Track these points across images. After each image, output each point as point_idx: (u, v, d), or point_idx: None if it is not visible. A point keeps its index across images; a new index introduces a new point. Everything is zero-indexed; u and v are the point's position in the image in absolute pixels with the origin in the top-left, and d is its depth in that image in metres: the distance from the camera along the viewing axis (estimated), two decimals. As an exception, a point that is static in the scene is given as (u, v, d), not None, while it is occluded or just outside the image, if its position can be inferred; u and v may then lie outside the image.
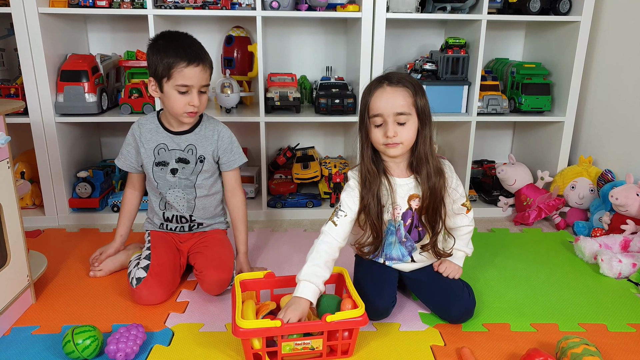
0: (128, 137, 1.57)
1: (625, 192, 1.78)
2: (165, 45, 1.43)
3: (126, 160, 1.59)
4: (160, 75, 1.43)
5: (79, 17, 2.18)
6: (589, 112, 2.21)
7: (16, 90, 2.00)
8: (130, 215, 1.65)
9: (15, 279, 1.37)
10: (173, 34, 1.49)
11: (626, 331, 1.37)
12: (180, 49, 1.42)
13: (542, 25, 2.29)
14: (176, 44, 1.43)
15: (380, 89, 1.28)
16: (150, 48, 1.46)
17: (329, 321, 1.16)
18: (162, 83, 1.44)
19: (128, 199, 1.64)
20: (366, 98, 1.30)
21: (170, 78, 1.42)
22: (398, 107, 1.26)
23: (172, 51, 1.41)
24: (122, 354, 1.18)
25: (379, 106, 1.27)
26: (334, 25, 2.32)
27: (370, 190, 1.32)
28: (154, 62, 1.43)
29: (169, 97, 1.44)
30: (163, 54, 1.41)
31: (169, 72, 1.41)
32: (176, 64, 1.40)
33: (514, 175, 2.17)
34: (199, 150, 1.54)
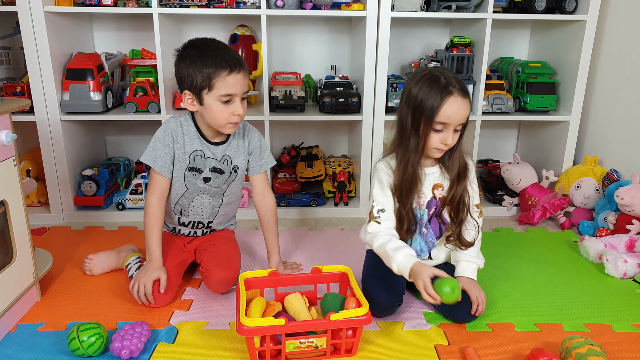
0: (163, 136, 1.42)
1: (631, 192, 1.77)
2: (200, 55, 1.33)
3: (164, 164, 1.43)
4: (199, 87, 1.33)
5: (84, 16, 2.19)
6: (594, 111, 2.20)
7: (22, 88, 2.01)
8: (161, 231, 1.46)
9: (20, 276, 1.38)
10: (203, 42, 1.39)
11: (631, 331, 1.37)
12: (218, 57, 1.32)
13: (547, 24, 2.28)
14: (212, 52, 1.33)
15: (452, 98, 1.25)
16: (182, 59, 1.36)
17: (332, 320, 1.16)
18: (201, 95, 1.34)
19: (159, 211, 1.45)
20: (432, 101, 1.25)
21: (212, 89, 1.33)
22: (463, 119, 1.28)
23: (209, 60, 1.32)
24: (127, 351, 1.18)
25: (448, 116, 1.25)
26: (338, 24, 2.32)
27: (409, 193, 1.34)
28: (189, 74, 1.33)
29: (211, 109, 1.35)
30: (200, 64, 1.32)
31: (210, 83, 1.32)
32: (217, 73, 1.31)
33: (518, 174, 2.16)
34: (234, 160, 1.49)
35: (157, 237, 1.43)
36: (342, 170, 2.22)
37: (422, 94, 1.27)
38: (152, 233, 1.43)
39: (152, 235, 1.43)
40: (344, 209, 2.19)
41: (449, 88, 1.25)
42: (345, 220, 2.14)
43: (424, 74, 1.29)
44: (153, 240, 1.43)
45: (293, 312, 1.27)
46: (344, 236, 1.97)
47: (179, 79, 1.38)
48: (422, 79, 1.29)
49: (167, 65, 2.01)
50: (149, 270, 1.40)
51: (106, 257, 1.63)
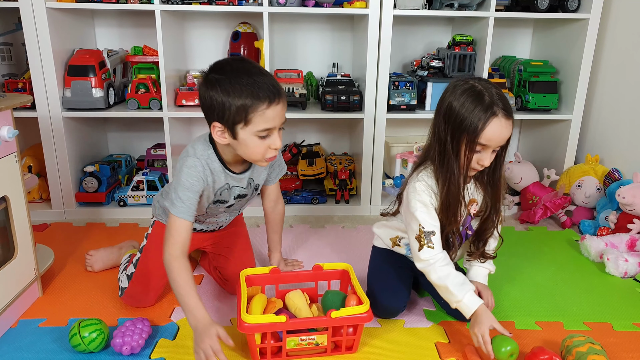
0: (192, 184, 1.22)
1: (632, 191, 1.77)
2: (233, 82, 1.14)
3: (191, 210, 1.23)
4: (232, 121, 1.15)
5: (86, 12, 2.19)
6: (596, 110, 2.20)
7: (24, 84, 2.01)
8: (194, 281, 1.22)
9: (22, 272, 1.38)
10: (234, 65, 1.18)
11: (632, 330, 1.37)
12: (255, 85, 1.13)
13: (550, 23, 2.28)
14: (247, 79, 1.14)
15: (497, 119, 1.15)
16: (210, 86, 1.16)
17: (333, 317, 1.17)
18: (235, 129, 1.16)
19: (185, 260, 1.22)
20: (475, 122, 1.15)
21: (249, 124, 1.15)
22: (504, 141, 1.20)
23: (245, 89, 1.13)
24: (128, 347, 1.19)
25: (490, 138, 1.17)
26: (340, 22, 2.32)
27: (456, 214, 1.27)
28: (219, 105, 1.15)
29: (246, 144, 1.18)
30: (233, 95, 1.13)
31: (247, 117, 1.14)
32: (256, 106, 1.13)
33: (520, 173, 2.16)
34: (256, 180, 1.39)
35: (194, 290, 1.18)
36: (344, 168, 2.22)
37: (464, 112, 1.17)
38: (185, 289, 1.18)
39: (188, 291, 1.18)
40: (345, 206, 2.19)
41: (494, 108, 1.15)
42: (347, 218, 2.14)
43: (466, 88, 1.19)
44: (190, 296, 1.17)
45: (294, 309, 1.27)
46: (345, 234, 1.97)
47: (206, 107, 1.19)
48: (464, 93, 1.18)
49: (169, 62, 2.01)
50: (203, 332, 1.13)
51: (107, 253, 1.63)
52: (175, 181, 1.25)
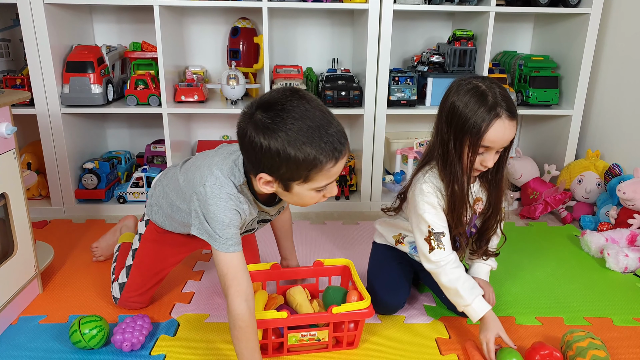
0: (232, 219, 1.08)
1: (632, 187, 1.77)
2: (295, 133, 0.94)
3: (237, 240, 1.10)
4: (288, 178, 1.00)
5: (84, 8, 2.18)
6: (597, 105, 2.19)
7: (22, 81, 2.00)
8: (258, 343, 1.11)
9: (22, 269, 1.38)
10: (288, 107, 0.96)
11: (632, 325, 1.37)
12: (323, 140, 0.95)
13: (550, 18, 2.27)
14: (312, 132, 0.95)
15: (500, 121, 1.13)
16: (261, 131, 0.95)
17: (334, 313, 1.17)
18: (289, 185, 1.02)
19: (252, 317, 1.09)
20: (478, 123, 1.13)
21: (309, 181, 1.00)
22: (508, 142, 1.18)
23: (311, 146, 0.95)
24: (128, 343, 1.19)
25: (493, 140, 1.14)
26: (340, 17, 2.31)
27: (461, 215, 1.25)
28: (274, 158, 0.96)
29: (300, 196, 1.04)
30: (295, 149, 0.94)
31: (308, 176, 0.99)
32: (322, 166, 0.97)
33: (520, 168, 2.16)
34: (281, 203, 1.25)
35: (258, 351, 1.08)
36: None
37: (467, 112, 1.14)
38: (249, 351, 1.07)
39: (253, 353, 1.07)
40: (345, 202, 2.19)
41: (497, 109, 1.12)
42: (347, 214, 2.14)
43: (469, 88, 1.16)
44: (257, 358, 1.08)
45: (295, 305, 1.27)
46: (345, 230, 1.97)
47: (251, 151, 0.99)
48: (467, 93, 1.15)
49: (168, 58, 2.00)
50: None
51: (108, 239, 1.66)
52: (202, 211, 1.08)
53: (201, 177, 1.10)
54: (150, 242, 1.36)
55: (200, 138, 2.41)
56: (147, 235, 1.37)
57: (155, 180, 1.39)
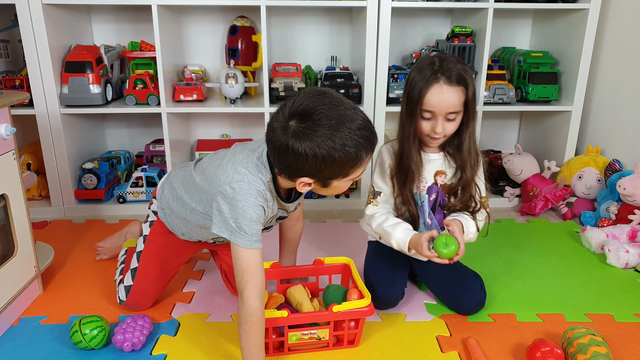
0: (259, 215, 1.09)
1: (633, 182, 1.77)
2: (335, 136, 0.99)
3: (260, 237, 1.11)
4: (329, 177, 1.05)
5: (82, 8, 2.18)
6: (596, 101, 2.19)
7: (21, 81, 2.00)
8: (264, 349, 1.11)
9: (22, 269, 1.38)
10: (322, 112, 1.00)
11: (633, 321, 1.37)
12: (360, 137, 1.01)
13: (549, 13, 2.26)
14: (349, 132, 1.00)
15: (437, 85, 1.21)
16: (301, 141, 0.99)
17: (335, 311, 1.17)
18: (329, 182, 1.08)
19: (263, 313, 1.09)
20: (420, 87, 1.22)
21: (348, 175, 1.07)
22: (451, 108, 1.23)
23: (351, 145, 1.00)
24: (129, 343, 1.19)
25: (433, 104, 1.22)
26: (339, 15, 2.30)
27: (407, 178, 1.31)
28: (318, 163, 1.00)
29: (335, 189, 1.11)
30: (338, 159, 1.00)
31: (349, 171, 1.05)
32: (361, 160, 1.04)
33: (520, 165, 2.15)
34: (299, 199, 1.29)
35: (264, 349, 1.09)
36: (343, 161, 2.21)
37: (415, 79, 1.24)
38: (257, 348, 1.08)
39: (260, 350, 1.08)
40: (345, 200, 2.19)
41: (437, 75, 1.21)
42: (347, 212, 2.14)
43: (424, 59, 1.26)
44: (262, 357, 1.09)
45: (295, 303, 1.27)
46: (345, 228, 1.97)
47: (290, 161, 1.02)
48: (420, 63, 1.26)
49: (167, 57, 2.00)
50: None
51: (114, 241, 1.66)
52: (229, 210, 1.08)
53: (226, 177, 1.11)
54: (155, 244, 1.35)
55: (200, 137, 2.41)
56: (151, 237, 1.36)
57: (162, 183, 1.37)
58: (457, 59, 1.25)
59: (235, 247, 1.08)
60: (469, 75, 1.24)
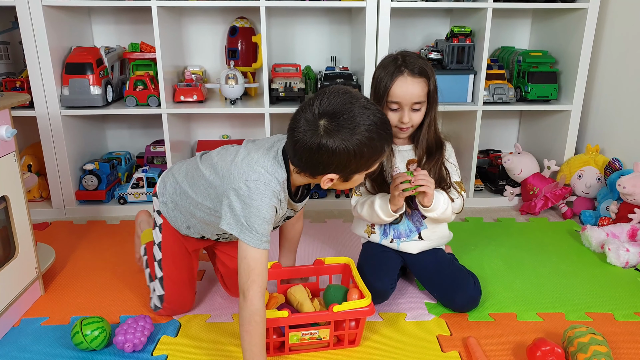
0: (271, 216, 1.11)
1: (633, 181, 1.77)
2: (361, 132, 1.04)
3: (269, 238, 1.11)
4: (353, 171, 1.10)
5: (82, 9, 2.18)
6: (596, 100, 2.19)
7: (22, 83, 2.00)
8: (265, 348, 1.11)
9: (23, 270, 1.38)
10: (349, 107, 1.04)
11: (633, 320, 1.37)
12: (382, 130, 1.07)
13: (548, 13, 2.26)
14: (372, 126, 1.05)
15: (402, 77, 1.31)
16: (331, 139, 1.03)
17: (335, 311, 1.17)
18: (351, 176, 1.12)
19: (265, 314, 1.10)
20: (386, 81, 1.32)
21: (370, 167, 1.12)
22: (416, 98, 1.32)
23: (377, 145, 1.07)
24: (130, 344, 1.19)
25: (398, 95, 1.31)
26: (338, 15, 2.31)
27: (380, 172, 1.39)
28: (345, 159, 1.05)
29: (354, 182, 1.16)
30: (366, 155, 1.06)
31: (372, 164, 1.11)
32: (383, 152, 1.11)
33: (520, 164, 2.15)
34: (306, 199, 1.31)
35: (265, 349, 1.10)
36: (343, 162, 2.21)
37: (380, 75, 1.34)
38: (259, 348, 1.08)
39: (261, 350, 1.09)
40: (346, 200, 2.19)
41: (401, 68, 1.31)
42: (347, 212, 2.14)
43: (388, 57, 1.36)
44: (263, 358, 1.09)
45: (296, 304, 1.27)
46: (345, 228, 1.97)
47: (319, 158, 1.05)
48: (384, 61, 1.36)
49: (167, 58, 2.01)
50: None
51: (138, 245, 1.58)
52: (242, 208, 1.09)
53: (241, 174, 1.11)
54: (171, 249, 1.34)
55: (200, 138, 2.41)
56: (165, 242, 1.34)
57: (163, 177, 1.36)
58: (418, 55, 1.37)
59: (243, 245, 1.09)
60: (430, 68, 1.34)
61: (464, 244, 1.77)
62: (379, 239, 1.47)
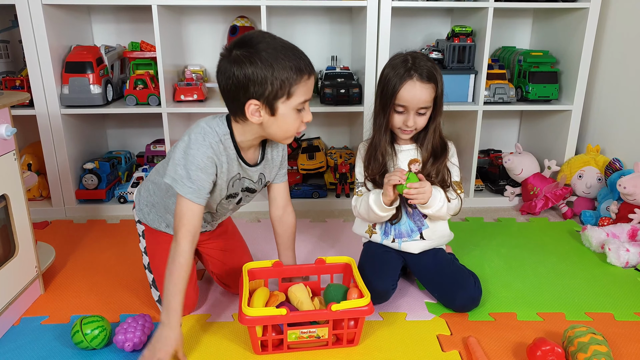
0: (205, 164, 1.16)
1: (633, 181, 1.76)
2: (275, 56, 1.09)
3: (206, 193, 1.18)
4: (274, 96, 1.11)
5: (82, 8, 2.18)
6: (596, 100, 2.19)
7: (21, 82, 2.00)
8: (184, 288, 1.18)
9: (23, 269, 1.38)
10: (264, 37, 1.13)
11: (633, 320, 1.37)
12: (296, 57, 1.12)
13: (549, 13, 2.26)
14: (286, 51, 1.11)
15: (411, 82, 1.30)
16: (243, 63, 1.09)
17: (334, 310, 1.17)
18: (275, 105, 1.12)
19: (190, 260, 1.18)
20: (394, 83, 1.31)
21: (292, 96, 1.12)
22: (423, 103, 1.32)
23: (289, 61, 1.10)
24: (130, 343, 1.19)
25: (406, 99, 1.31)
26: (339, 14, 2.31)
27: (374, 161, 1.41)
28: (260, 81, 1.09)
29: (284, 119, 1.15)
30: (277, 67, 1.09)
31: (290, 90, 1.11)
32: (300, 78, 1.12)
33: (520, 164, 2.15)
34: (267, 177, 1.34)
35: (182, 294, 1.17)
36: (344, 161, 2.21)
37: (389, 75, 1.33)
38: (177, 289, 1.16)
39: (178, 292, 1.16)
40: (346, 200, 2.19)
41: (410, 72, 1.30)
42: (347, 211, 2.14)
43: (398, 57, 1.35)
44: (177, 299, 1.16)
45: (296, 302, 1.27)
46: (346, 227, 1.97)
47: (237, 85, 1.10)
48: (394, 60, 1.35)
49: (167, 57, 2.00)
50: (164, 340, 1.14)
51: None
52: (182, 157, 1.16)
53: (188, 131, 1.20)
54: (157, 251, 1.35)
55: (200, 137, 2.41)
56: (149, 246, 1.37)
57: (138, 187, 1.44)
58: (427, 57, 1.36)
59: (178, 196, 1.17)
60: (438, 73, 1.34)
61: (464, 244, 1.77)
62: (380, 239, 1.47)
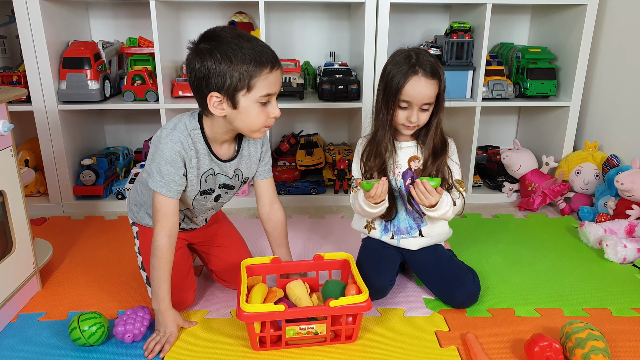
0: (174, 158, 1.19)
1: (631, 177, 1.77)
2: (233, 47, 1.11)
3: (179, 187, 1.22)
4: (234, 89, 1.13)
5: (80, 4, 2.17)
6: (594, 96, 2.19)
7: (18, 77, 2.00)
8: (170, 274, 1.24)
9: (21, 266, 1.38)
10: (226, 31, 1.16)
11: (631, 316, 1.37)
12: (256, 50, 1.13)
13: (548, 9, 2.26)
14: (247, 44, 1.12)
15: (416, 77, 1.30)
16: (205, 55, 1.12)
17: (332, 306, 1.17)
18: (236, 98, 1.14)
19: (170, 251, 1.23)
20: (399, 79, 1.30)
21: (252, 89, 1.13)
22: (427, 99, 1.32)
23: (248, 54, 1.11)
24: (130, 335, 1.19)
25: (411, 95, 1.31)
26: (337, 10, 2.30)
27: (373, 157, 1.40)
28: (219, 73, 1.11)
29: (247, 112, 1.16)
30: (235, 60, 1.10)
31: (250, 83, 1.12)
32: (259, 71, 1.12)
33: (518, 160, 2.15)
34: (245, 173, 1.35)
35: (169, 282, 1.23)
36: (342, 158, 2.21)
37: (392, 72, 1.32)
38: (162, 279, 1.22)
39: (163, 282, 1.22)
40: (344, 196, 2.19)
41: (415, 68, 1.30)
42: (346, 207, 2.14)
43: (400, 53, 1.35)
44: (163, 287, 1.22)
45: (294, 298, 1.27)
46: (344, 223, 1.97)
47: (200, 79, 1.14)
48: (397, 56, 1.34)
49: (165, 53, 2.00)
50: (166, 324, 1.23)
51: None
52: (153, 151, 1.21)
53: (162, 126, 1.26)
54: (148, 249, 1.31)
55: (198, 133, 2.40)
56: (142, 246, 1.38)
57: (131, 188, 1.46)
58: (429, 53, 1.35)
59: (153, 190, 1.22)
60: (441, 69, 1.34)
61: (462, 240, 1.77)
62: (379, 235, 1.47)
